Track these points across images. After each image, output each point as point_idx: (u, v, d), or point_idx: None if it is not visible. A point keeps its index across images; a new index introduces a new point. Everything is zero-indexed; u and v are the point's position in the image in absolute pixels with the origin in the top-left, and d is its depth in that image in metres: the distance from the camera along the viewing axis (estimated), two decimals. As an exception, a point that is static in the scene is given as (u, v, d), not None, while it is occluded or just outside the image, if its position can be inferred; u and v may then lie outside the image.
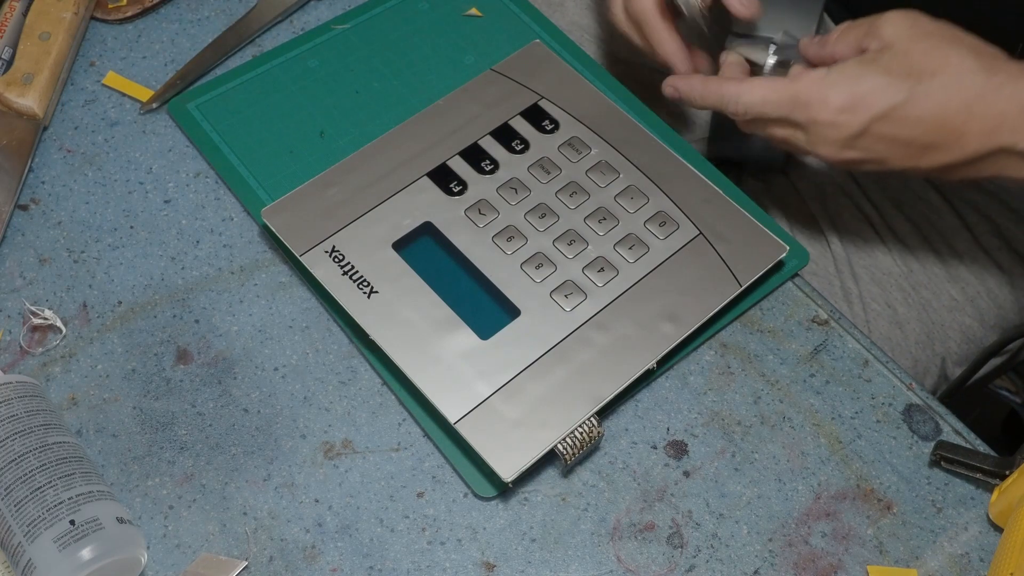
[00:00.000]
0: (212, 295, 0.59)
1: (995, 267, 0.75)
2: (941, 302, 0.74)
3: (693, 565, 0.52)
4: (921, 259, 0.74)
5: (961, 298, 0.74)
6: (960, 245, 0.75)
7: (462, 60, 0.68)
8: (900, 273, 0.74)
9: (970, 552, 0.52)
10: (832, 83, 0.54)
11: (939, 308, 0.74)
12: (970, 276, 0.74)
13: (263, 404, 0.56)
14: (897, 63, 0.53)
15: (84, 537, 0.47)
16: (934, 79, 0.52)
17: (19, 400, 0.51)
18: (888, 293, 0.74)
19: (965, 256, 0.75)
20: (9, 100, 0.63)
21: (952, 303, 0.74)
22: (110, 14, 0.70)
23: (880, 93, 0.53)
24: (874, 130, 0.54)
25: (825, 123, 0.54)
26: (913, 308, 0.74)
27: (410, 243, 0.57)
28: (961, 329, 0.75)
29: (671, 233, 0.58)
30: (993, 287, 0.75)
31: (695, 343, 0.58)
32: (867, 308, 0.73)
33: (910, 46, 0.53)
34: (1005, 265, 0.75)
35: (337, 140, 0.64)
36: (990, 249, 0.75)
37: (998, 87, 0.52)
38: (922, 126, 0.53)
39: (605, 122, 0.62)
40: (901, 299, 0.74)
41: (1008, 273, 0.75)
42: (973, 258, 0.75)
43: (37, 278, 0.60)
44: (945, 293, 0.74)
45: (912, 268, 0.74)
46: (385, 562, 0.52)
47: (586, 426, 0.52)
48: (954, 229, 0.75)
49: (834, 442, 0.55)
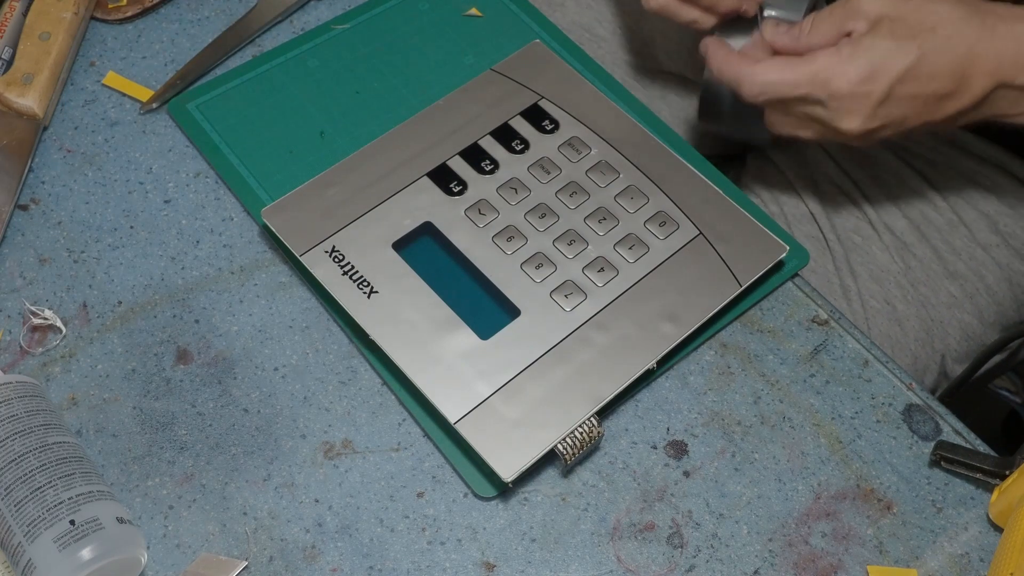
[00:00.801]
0: (212, 295, 0.59)
1: (993, 263, 0.75)
2: (940, 299, 0.75)
3: (693, 565, 0.52)
4: (919, 256, 0.75)
5: (960, 295, 0.75)
6: (957, 242, 0.75)
7: (462, 60, 0.68)
8: (898, 270, 0.74)
9: (970, 552, 0.52)
10: (848, 57, 0.55)
11: (938, 305, 0.75)
12: (968, 273, 0.75)
13: (263, 404, 0.56)
14: (898, 28, 0.55)
15: (84, 537, 0.47)
16: (935, 33, 0.55)
17: (19, 400, 0.51)
18: (887, 290, 0.74)
19: (963, 253, 0.75)
20: (9, 100, 0.63)
21: (951, 300, 0.75)
22: (110, 14, 0.70)
23: (895, 58, 0.55)
24: (896, 93, 0.56)
25: (847, 95, 0.56)
26: (912, 305, 0.74)
27: (410, 243, 0.57)
28: (960, 326, 0.75)
29: (671, 233, 0.58)
30: (991, 283, 0.75)
31: (695, 343, 0.58)
32: (866, 305, 0.74)
33: (900, 11, 0.55)
34: (1002, 261, 0.75)
35: (337, 140, 0.64)
36: (988, 246, 0.75)
37: (991, 28, 0.55)
38: (937, 80, 0.55)
39: (605, 122, 0.62)
40: (900, 296, 0.74)
41: (1006, 269, 0.75)
42: (971, 255, 0.75)
43: (37, 278, 0.60)
44: (944, 290, 0.75)
45: (911, 265, 0.74)
46: (385, 562, 0.52)
47: (586, 426, 0.52)
48: (951, 225, 0.75)
49: (834, 442, 0.55)
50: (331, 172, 0.60)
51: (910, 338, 0.74)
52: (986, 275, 0.75)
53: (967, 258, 0.75)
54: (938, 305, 0.75)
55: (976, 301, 0.75)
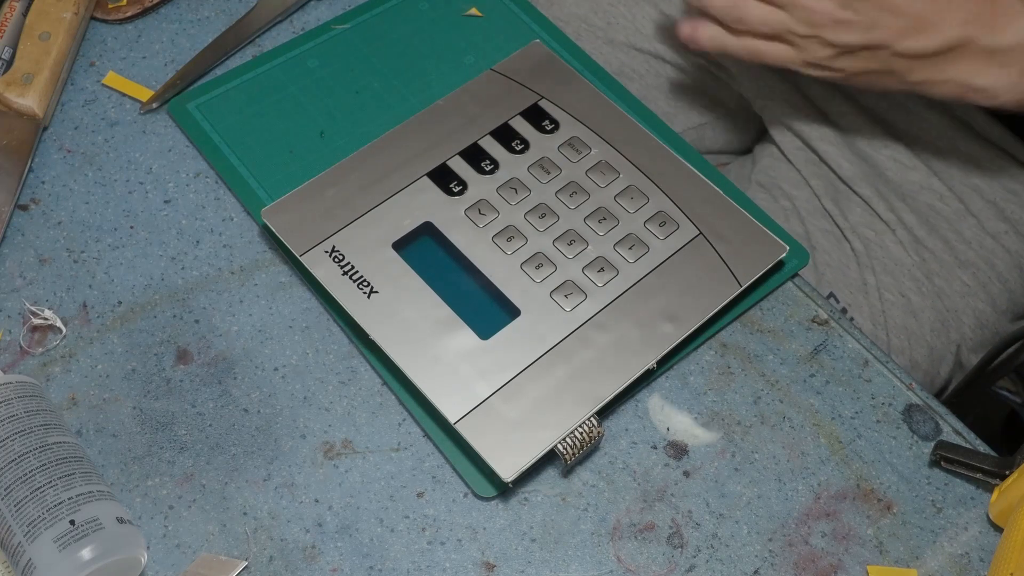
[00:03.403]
0: (212, 295, 0.59)
1: (1003, 251, 0.76)
2: (954, 288, 0.75)
3: (693, 565, 0.52)
4: (931, 248, 0.75)
5: (973, 283, 0.75)
6: (967, 231, 0.76)
7: (462, 60, 0.68)
8: (912, 263, 0.75)
9: (970, 552, 0.52)
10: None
11: (952, 295, 0.75)
12: (979, 261, 0.75)
13: (263, 404, 0.56)
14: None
15: (84, 537, 0.47)
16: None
17: (19, 400, 0.51)
18: (901, 283, 0.75)
19: (973, 242, 0.76)
20: (9, 100, 0.63)
21: (964, 288, 0.75)
22: (110, 14, 0.70)
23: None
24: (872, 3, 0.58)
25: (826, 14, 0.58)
26: (927, 297, 0.75)
27: (410, 243, 0.57)
28: (975, 314, 0.76)
29: (671, 233, 0.58)
30: (1003, 271, 0.76)
31: (695, 343, 0.58)
32: (883, 299, 0.74)
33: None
34: (1012, 248, 0.76)
35: (337, 140, 0.64)
36: (996, 234, 0.76)
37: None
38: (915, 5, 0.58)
39: (605, 122, 0.62)
40: (915, 288, 0.75)
41: (1015, 256, 0.76)
42: (981, 243, 0.76)
43: (37, 278, 0.60)
44: (957, 279, 0.75)
45: (924, 257, 0.75)
46: (385, 562, 0.52)
47: (586, 426, 0.52)
48: (959, 215, 0.76)
49: (834, 442, 0.55)
50: (331, 172, 0.60)
51: (926, 329, 0.74)
52: (996, 263, 0.76)
53: (977, 247, 0.76)
54: (952, 295, 0.75)
55: (989, 289, 0.76)
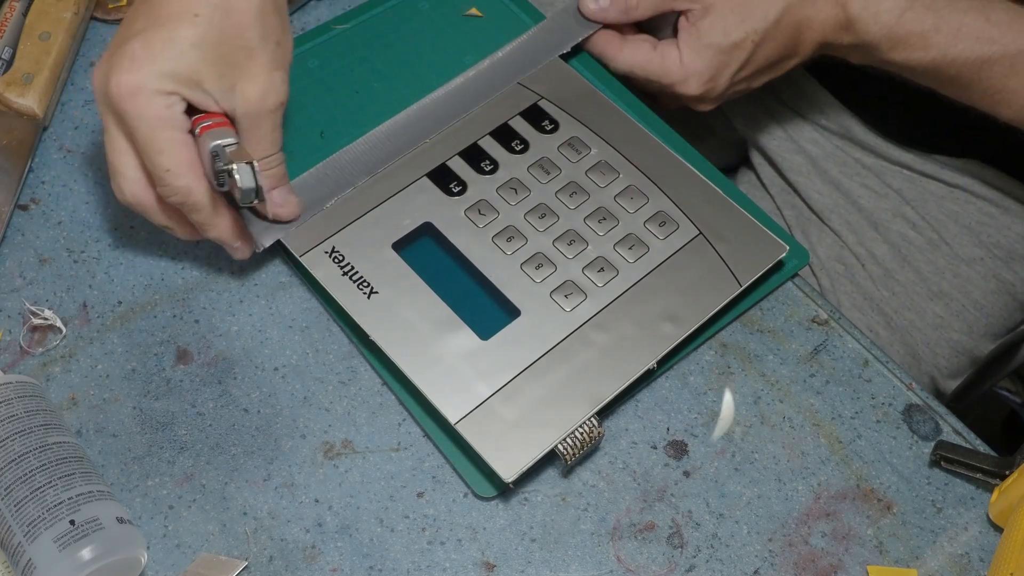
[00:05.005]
0: (212, 295, 0.59)
1: (979, 278, 0.74)
2: (925, 322, 0.73)
3: (693, 565, 0.52)
4: (902, 281, 0.74)
5: (946, 314, 0.73)
6: (940, 261, 0.74)
7: (462, 60, 0.68)
8: (881, 298, 0.74)
9: (970, 552, 0.52)
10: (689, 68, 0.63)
11: (924, 327, 0.74)
12: (953, 291, 0.74)
13: (263, 404, 0.56)
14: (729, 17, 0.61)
15: (84, 537, 0.47)
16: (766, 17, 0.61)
17: (19, 400, 0.51)
18: (869, 317, 0.73)
19: (946, 271, 0.74)
20: (9, 100, 0.63)
21: (937, 320, 0.74)
22: (110, 14, 0.70)
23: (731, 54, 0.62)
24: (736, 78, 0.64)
25: (694, 97, 0.65)
26: (896, 331, 0.73)
27: (410, 243, 0.57)
28: (949, 345, 0.74)
29: (671, 233, 0.58)
30: (978, 298, 0.74)
31: (695, 343, 0.58)
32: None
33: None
34: (988, 273, 0.74)
35: (337, 140, 0.64)
36: (971, 260, 0.74)
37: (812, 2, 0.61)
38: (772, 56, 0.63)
39: (605, 122, 0.62)
40: (883, 323, 0.73)
41: (992, 281, 0.74)
42: (955, 272, 0.74)
43: (37, 278, 0.60)
44: (929, 312, 0.73)
45: (895, 291, 0.74)
46: (385, 562, 0.52)
47: (586, 426, 0.52)
48: (932, 245, 0.74)
49: (834, 442, 0.55)
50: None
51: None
52: (972, 291, 0.74)
53: (951, 276, 0.74)
54: (924, 328, 0.74)
55: (964, 317, 0.74)
